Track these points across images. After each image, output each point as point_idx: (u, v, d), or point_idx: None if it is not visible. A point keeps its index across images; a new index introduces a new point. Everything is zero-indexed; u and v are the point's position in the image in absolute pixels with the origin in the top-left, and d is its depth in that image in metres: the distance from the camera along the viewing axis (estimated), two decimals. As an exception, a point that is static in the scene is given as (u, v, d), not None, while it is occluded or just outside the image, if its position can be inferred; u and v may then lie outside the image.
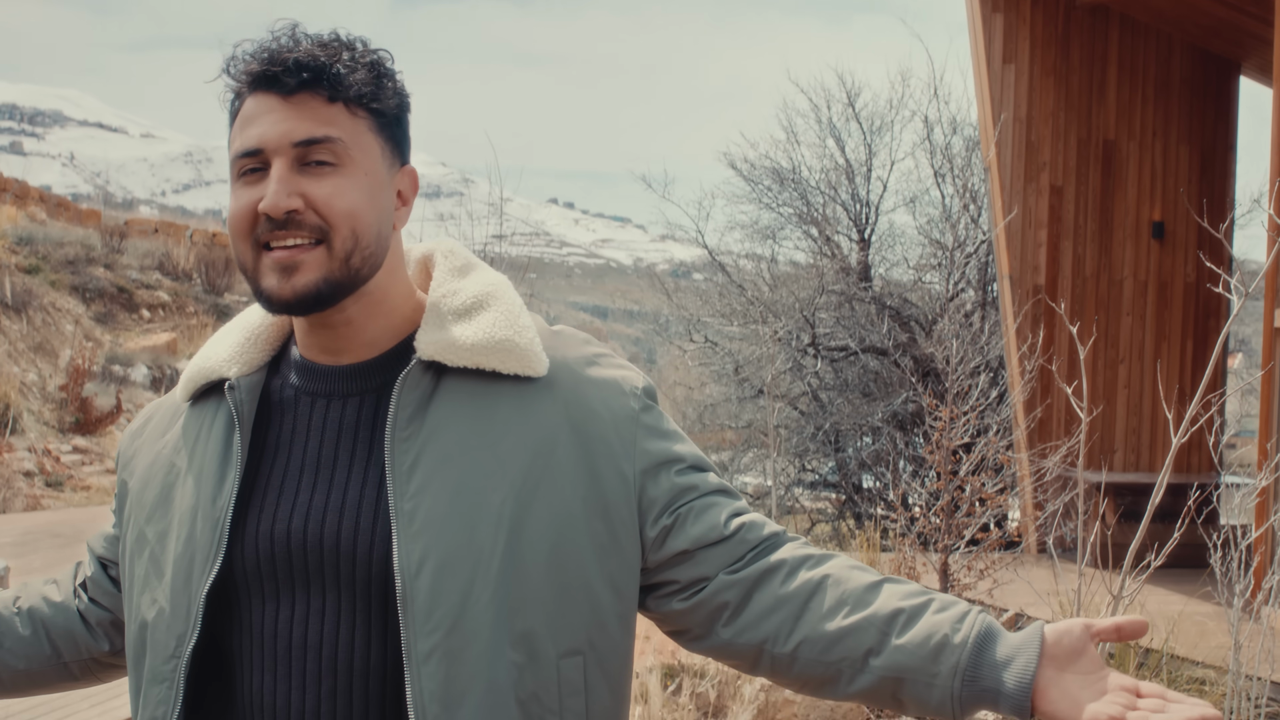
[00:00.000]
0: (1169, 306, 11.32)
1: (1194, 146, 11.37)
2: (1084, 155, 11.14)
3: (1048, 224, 11.04)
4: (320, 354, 1.74)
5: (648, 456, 1.72)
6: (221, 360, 1.77)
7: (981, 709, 1.58)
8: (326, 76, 1.64)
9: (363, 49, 1.69)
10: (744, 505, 1.78)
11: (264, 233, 1.63)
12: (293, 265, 1.62)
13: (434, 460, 1.64)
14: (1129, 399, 11.12)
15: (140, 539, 1.77)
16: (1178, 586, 8.05)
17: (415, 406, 1.66)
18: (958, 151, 14.59)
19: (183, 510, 1.72)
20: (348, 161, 1.65)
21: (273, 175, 1.62)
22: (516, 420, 1.67)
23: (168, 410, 1.85)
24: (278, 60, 1.64)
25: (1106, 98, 11.17)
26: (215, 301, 23.61)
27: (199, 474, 1.72)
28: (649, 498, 1.72)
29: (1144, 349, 11.25)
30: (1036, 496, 9.51)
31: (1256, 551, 7.00)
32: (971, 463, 6.75)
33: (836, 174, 15.06)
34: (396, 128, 1.73)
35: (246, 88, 1.67)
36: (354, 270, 1.66)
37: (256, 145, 1.63)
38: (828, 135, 15.13)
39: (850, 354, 14.03)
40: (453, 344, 1.67)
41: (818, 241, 15.19)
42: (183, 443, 1.78)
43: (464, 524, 1.62)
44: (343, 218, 1.64)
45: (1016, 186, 10.93)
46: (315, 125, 1.63)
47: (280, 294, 1.63)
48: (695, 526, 1.72)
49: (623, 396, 1.73)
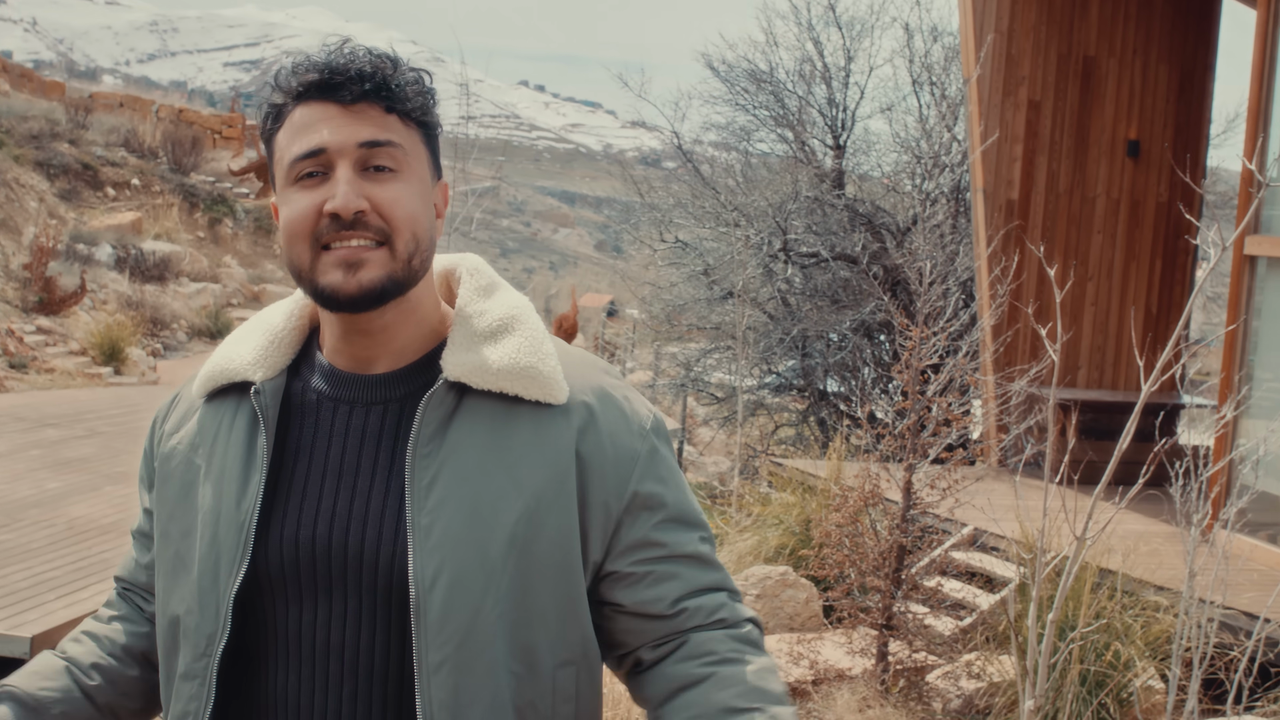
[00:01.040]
0: (1140, 225, 11.34)
1: (1174, 66, 11.32)
2: (1063, 71, 11.08)
3: (1024, 139, 11.00)
4: (349, 361, 1.78)
5: (636, 499, 1.77)
6: (246, 363, 1.79)
7: None
8: (386, 88, 1.68)
9: (410, 67, 1.73)
10: (709, 580, 1.81)
11: (326, 232, 1.67)
12: (358, 262, 1.66)
13: (452, 478, 1.69)
14: (1095, 316, 11.18)
15: (165, 534, 1.81)
16: (1137, 506, 8.16)
17: (437, 424, 1.71)
18: (937, 60, 14.49)
19: (205, 510, 1.76)
20: (406, 168, 1.70)
21: (339, 176, 1.66)
22: (533, 445, 1.72)
23: (185, 402, 1.88)
24: (339, 71, 1.68)
25: (1089, 13, 11.09)
26: (181, 181, 23.36)
27: (220, 475, 1.75)
28: (620, 538, 1.77)
29: (1113, 267, 11.29)
30: (1001, 417, 9.59)
31: (1215, 482, 7.09)
32: (939, 383, 6.80)
33: (814, 78, 14.94)
34: (436, 143, 1.78)
35: (296, 99, 1.70)
36: (414, 272, 1.71)
37: (319, 146, 1.66)
38: (807, 38, 14.99)
39: (821, 261, 14.02)
40: (479, 367, 1.72)
41: (792, 146, 15.10)
42: (200, 440, 1.81)
43: (478, 542, 1.68)
44: (405, 221, 1.69)
45: (994, 100, 10.87)
46: (378, 130, 1.68)
47: (345, 288, 1.66)
48: (644, 592, 1.78)
49: (630, 436, 1.78)
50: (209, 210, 23.01)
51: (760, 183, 15.29)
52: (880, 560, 6.79)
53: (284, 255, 1.72)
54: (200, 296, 20.18)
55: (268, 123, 1.73)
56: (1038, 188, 11.03)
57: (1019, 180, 10.99)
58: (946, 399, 6.78)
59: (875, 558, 6.79)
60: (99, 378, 15.34)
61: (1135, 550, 7.05)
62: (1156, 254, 11.39)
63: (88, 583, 7.24)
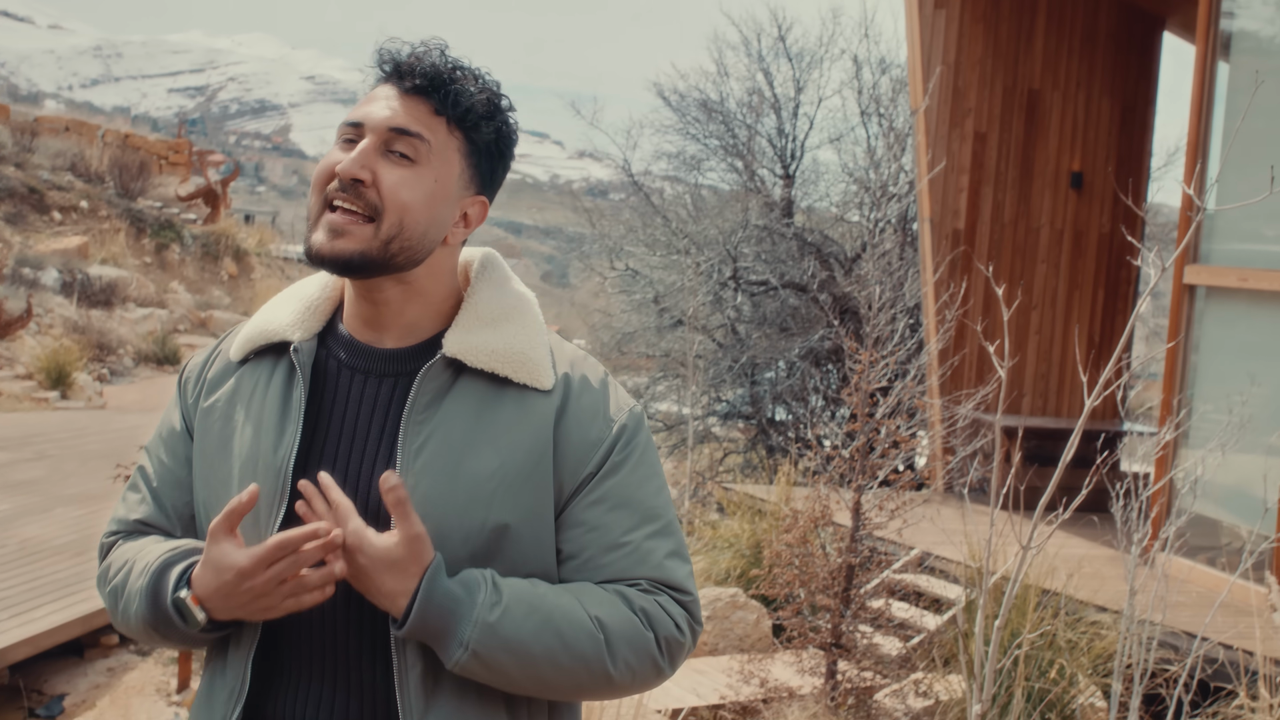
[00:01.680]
0: (1083, 256, 11.56)
1: (1116, 99, 11.57)
2: (1009, 103, 11.29)
3: (970, 170, 11.20)
4: (364, 330, 1.96)
5: (588, 483, 1.94)
6: (284, 325, 1.98)
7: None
8: (440, 91, 1.87)
9: (487, 86, 1.91)
10: (640, 572, 1.95)
11: (332, 191, 1.86)
12: (340, 231, 1.85)
13: (440, 446, 1.88)
14: (1039, 344, 11.38)
15: (207, 483, 1.98)
16: (1080, 531, 8.32)
17: (432, 395, 1.89)
18: (885, 92, 14.70)
19: (243, 458, 1.93)
20: (423, 163, 1.87)
21: (359, 145, 1.85)
22: (518, 423, 1.90)
23: (222, 364, 2.04)
24: (410, 63, 1.90)
25: (1033, 47, 11.32)
26: (128, 206, 23.23)
27: (257, 425, 1.93)
28: (564, 517, 1.94)
29: (1056, 296, 11.50)
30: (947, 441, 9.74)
31: (1155, 502, 7.25)
32: (888, 405, 6.92)
33: (764, 108, 15.12)
34: (485, 159, 1.94)
35: (380, 71, 1.92)
36: (390, 254, 1.87)
37: (360, 119, 1.89)
38: (757, 69, 15.17)
39: (770, 289, 14.16)
40: (475, 348, 1.89)
41: (742, 175, 15.26)
42: (238, 397, 1.98)
43: (458, 504, 1.86)
44: (396, 206, 1.85)
45: (941, 131, 11.07)
46: (411, 121, 1.86)
47: (320, 250, 1.86)
48: (576, 570, 1.95)
49: (599, 424, 1.95)
50: (156, 235, 22.90)
51: (710, 211, 15.43)
52: (830, 580, 6.89)
53: (308, 198, 1.93)
54: (147, 322, 20.08)
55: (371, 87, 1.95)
56: (983, 218, 11.22)
57: (965, 210, 11.18)
58: (895, 421, 6.90)
59: (825, 577, 6.90)
60: (46, 402, 15.25)
61: (1079, 571, 7.19)
62: (1099, 284, 11.61)
63: (41, 602, 7.24)
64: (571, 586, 1.90)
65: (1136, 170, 11.64)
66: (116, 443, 12.07)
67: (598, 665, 1.86)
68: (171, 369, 18.95)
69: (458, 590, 1.82)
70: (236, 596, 1.80)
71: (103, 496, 9.78)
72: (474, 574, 1.85)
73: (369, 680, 1.89)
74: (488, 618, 1.81)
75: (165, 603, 1.87)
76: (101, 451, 11.64)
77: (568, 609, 1.86)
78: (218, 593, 1.81)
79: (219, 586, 1.80)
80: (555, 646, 1.83)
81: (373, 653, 1.89)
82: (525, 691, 1.89)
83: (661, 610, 1.92)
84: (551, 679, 1.86)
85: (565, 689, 1.89)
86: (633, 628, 1.89)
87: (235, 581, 1.79)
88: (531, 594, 1.85)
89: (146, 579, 1.90)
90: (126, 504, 2.08)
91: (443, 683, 1.87)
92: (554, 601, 1.86)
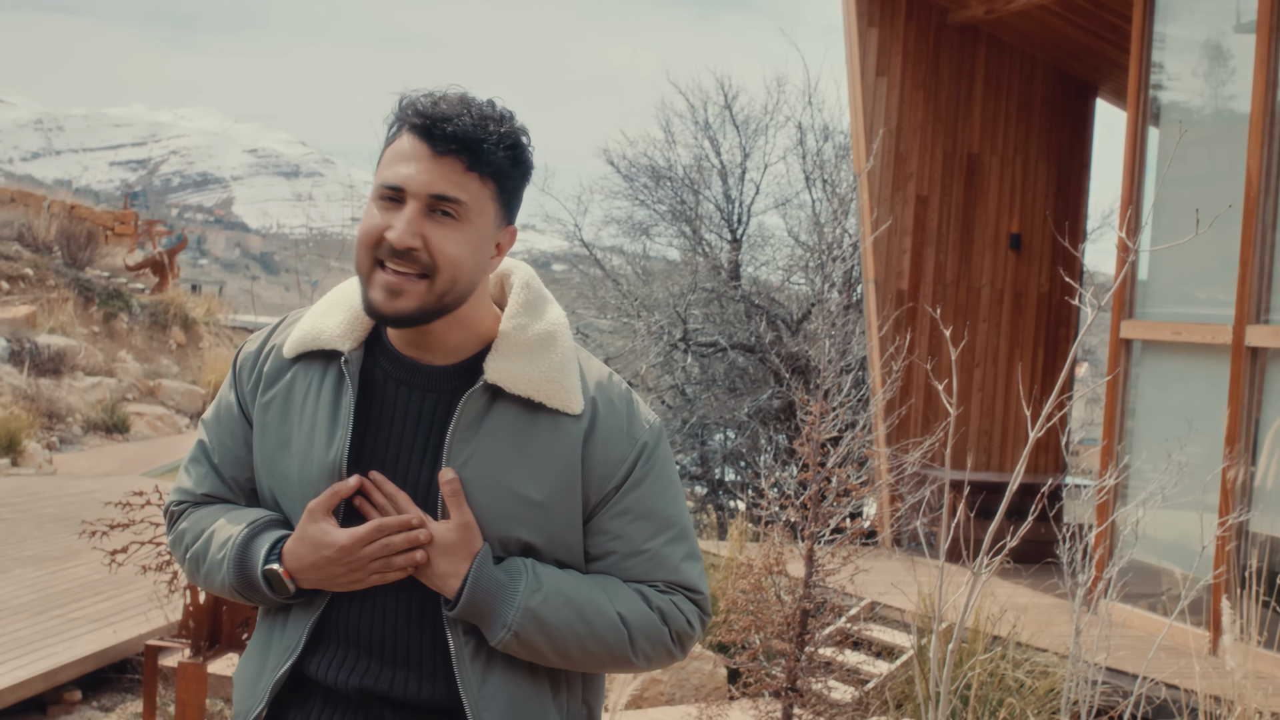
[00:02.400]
0: (1023, 315, 11.88)
1: (1052, 163, 11.95)
2: (949, 167, 11.64)
3: (913, 231, 11.51)
4: (410, 349, 2.15)
5: (613, 495, 2.16)
6: (336, 334, 2.15)
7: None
8: (471, 151, 2.02)
9: (508, 128, 2.06)
10: (659, 575, 2.21)
11: (384, 254, 2.04)
12: (398, 291, 2.03)
13: (481, 462, 2.09)
14: (982, 401, 11.66)
15: (269, 473, 2.19)
16: (1026, 581, 8.55)
17: (474, 417, 2.10)
18: (829, 158, 15.07)
19: (300, 457, 2.13)
20: (466, 220, 2.05)
21: (405, 214, 2.03)
22: (551, 448, 2.11)
23: (277, 359, 2.21)
24: (442, 122, 2.01)
25: (972, 113, 11.69)
26: (76, 276, 23.23)
27: (311, 426, 2.13)
28: (591, 525, 2.18)
29: (998, 355, 11.80)
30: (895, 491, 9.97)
31: (1098, 545, 7.50)
32: (839, 455, 7.13)
33: (711, 174, 15.45)
34: (512, 196, 2.12)
35: (406, 126, 2.05)
36: (445, 305, 2.07)
37: (401, 185, 2.04)
38: (704, 137, 15.51)
39: (719, 350, 14.41)
40: (514, 376, 2.10)
41: (691, 240, 15.56)
42: (293, 396, 2.17)
43: (495, 513, 2.09)
44: (448, 264, 2.04)
45: (884, 195, 11.39)
46: (450, 186, 2.02)
47: (382, 309, 2.05)
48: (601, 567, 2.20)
49: (623, 442, 2.17)
50: (104, 305, 22.91)
51: (660, 274, 15.70)
52: (785, 625, 7.07)
53: (355, 252, 2.09)
54: (96, 390, 20.05)
55: (389, 131, 2.09)
56: (926, 278, 11.53)
57: (909, 271, 11.48)
58: (845, 470, 7.11)
59: (780, 623, 7.07)
60: (-5, 469, 15.20)
61: (1025, 614, 7.41)
62: (1039, 342, 11.93)
63: (3, 658, 7.29)
64: (600, 580, 2.16)
65: (1073, 232, 12.00)
66: (70, 507, 12.08)
67: (620, 652, 2.13)
68: (121, 437, 18.93)
69: (503, 576, 2.07)
70: (329, 569, 2.06)
71: (62, 558, 9.82)
72: (516, 562, 2.10)
73: (417, 654, 2.12)
74: (529, 603, 2.06)
75: (255, 574, 2.10)
76: (56, 515, 11.66)
77: (598, 603, 2.11)
78: (312, 566, 2.07)
79: (315, 561, 2.06)
80: (584, 633, 2.10)
81: (420, 628, 2.12)
82: (554, 665, 2.14)
83: (675, 608, 2.18)
84: (578, 658, 2.13)
85: (590, 666, 2.16)
86: (651, 623, 2.15)
87: (335, 557, 2.05)
88: (567, 584, 2.11)
89: (232, 551, 2.13)
90: (192, 477, 2.29)
91: (495, 657, 2.11)
92: (586, 594, 2.11)
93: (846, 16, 11.40)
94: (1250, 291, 7.65)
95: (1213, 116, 8.69)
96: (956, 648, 4.90)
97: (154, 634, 7.67)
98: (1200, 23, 8.82)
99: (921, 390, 11.21)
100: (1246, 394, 7.62)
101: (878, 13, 11.34)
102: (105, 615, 8.24)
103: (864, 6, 11.29)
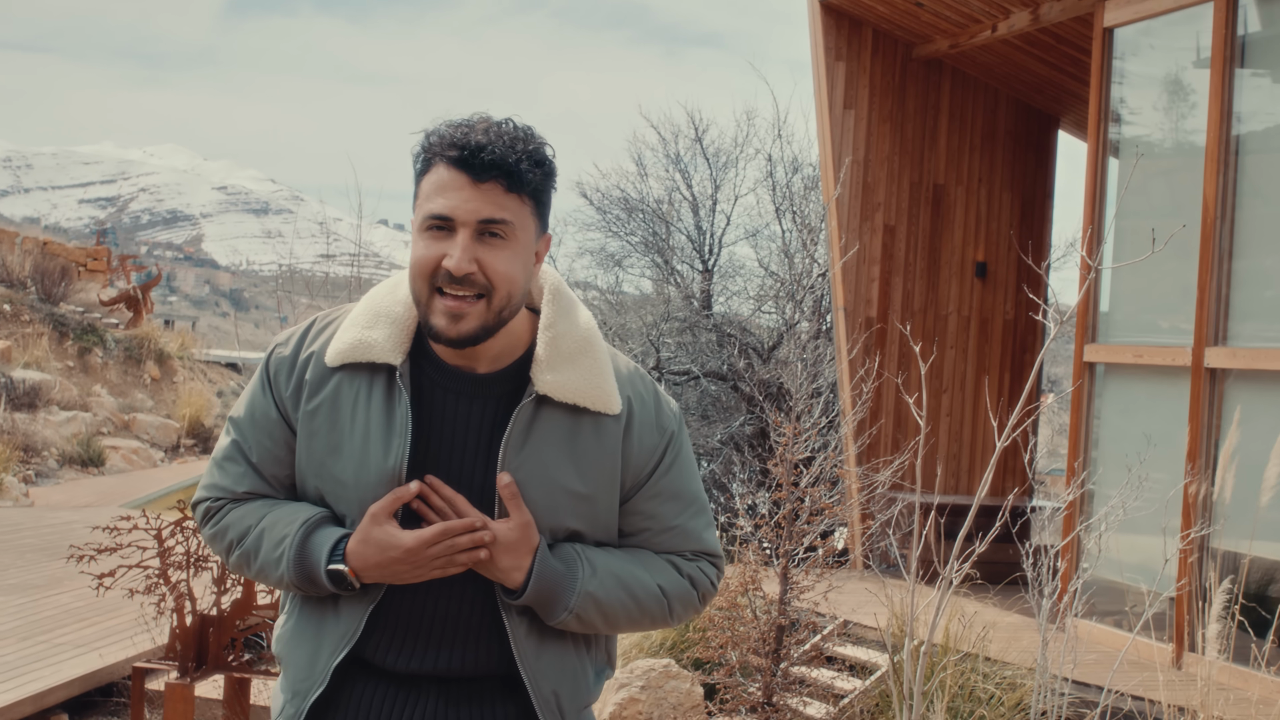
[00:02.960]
0: (989, 341, 12.13)
1: (1015, 193, 12.22)
2: (915, 197, 11.89)
3: (880, 260, 11.75)
4: (456, 358, 2.34)
5: (648, 480, 2.43)
6: (385, 348, 2.32)
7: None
8: (509, 175, 2.21)
9: (534, 145, 2.25)
10: (688, 546, 2.51)
11: (442, 281, 2.23)
12: (460, 315, 2.23)
13: (533, 464, 2.31)
14: (950, 426, 11.89)
15: (319, 476, 2.36)
16: (994, 601, 8.74)
17: (524, 425, 2.31)
18: (798, 190, 15.33)
19: (356, 462, 2.30)
20: (512, 237, 2.24)
21: (459, 242, 2.21)
22: (594, 442, 2.35)
23: (318, 367, 2.36)
24: (478, 152, 2.20)
25: (938, 145, 11.96)
26: (51, 310, 23.31)
27: (365, 434, 2.30)
28: (628, 506, 2.44)
29: (965, 380, 12.03)
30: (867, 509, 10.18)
31: (1064, 558, 7.71)
32: (812, 475, 7.34)
33: (683, 206, 15.69)
34: (546, 206, 2.32)
35: (441, 158, 2.23)
36: (502, 320, 2.27)
37: (448, 214, 2.22)
38: (675, 170, 15.77)
39: (692, 378, 14.62)
40: (560, 386, 2.31)
41: (663, 270, 15.78)
42: (341, 404, 2.33)
43: (547, 507, 2.32)
44: (503, 281, 2.24)
45: (853, 224, 11.62)
46: (496, 209, 2.21)
47: (447, 334, 2.24)
48: (638, 536, 2.47)
49: (654, 434, 2.42)
50: (79, 339, 22.98)
51: (633, 304, 15.91)
52: (761, 641, 7.25)
53: (409, 282, 2.28)
54: (71, 424, 20.11)
55: (418, 164, 2.28)
56: (894, 306, 11.76)
57: (877, 299, 11.71)
58: (818, 489, 7.32)
59: (756, 639, 7.25)
60: (-28, 503, 15.26)
61: (995, 628, 7.60)
62: (1005, 367, 12.17)
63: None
64: (638, 555, 2.43)
65: (1037, 260, 12.26)
66: (51, 537, 12.20)
67: (660, 617, 2.44)
68: (96, 470, 18.98)
69: (561, 566, 2.31)
70: (394, 567, 2.25)
71: (45, 585, 9.94)
72: (569, 550, 2.35)
73: (474, 637, 2.35)
74: (588, 587, 2.32)
75: (316, 571, 2.29)
76: (37, 545, 11.77)
77: (641, 579, 2.40)
78: (377, 566, 2.26)
79: (381, 561, 2.25)
80: (632, 607, 2.39)
81: (471, 614, 2.34)
82: (602, 633, 2.46)
83: (701, 573, 2.50)
84: (624, 625, 2.43)
85: (631, 630, 2.47)
86: (684, 589, 2.46)
87: (401, 558, 2.24)
88: (615, 565, 2.38)
89: (290, 550, 2.31)
90: (229, 475, 2.43)
91: (546, 632, 2.36)
92: (631, 572, 2.39)
93: (814, 51, 11.66)
94: (1208, 315, 7.89)
95: (1173, 150, 8.94)
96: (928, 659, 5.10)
97: (140, 657, 7.78)
98: (1160, 59, 9.09)
99: (891, 413, 11.43)
100: (1206, 414, 7.85)
101: (845, 47, 11.61)
102: (90, 640, 8.36)
103: (831, 41, 11.56)
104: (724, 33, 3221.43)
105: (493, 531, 2.26)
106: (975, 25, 10.91)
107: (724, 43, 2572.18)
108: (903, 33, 11.62)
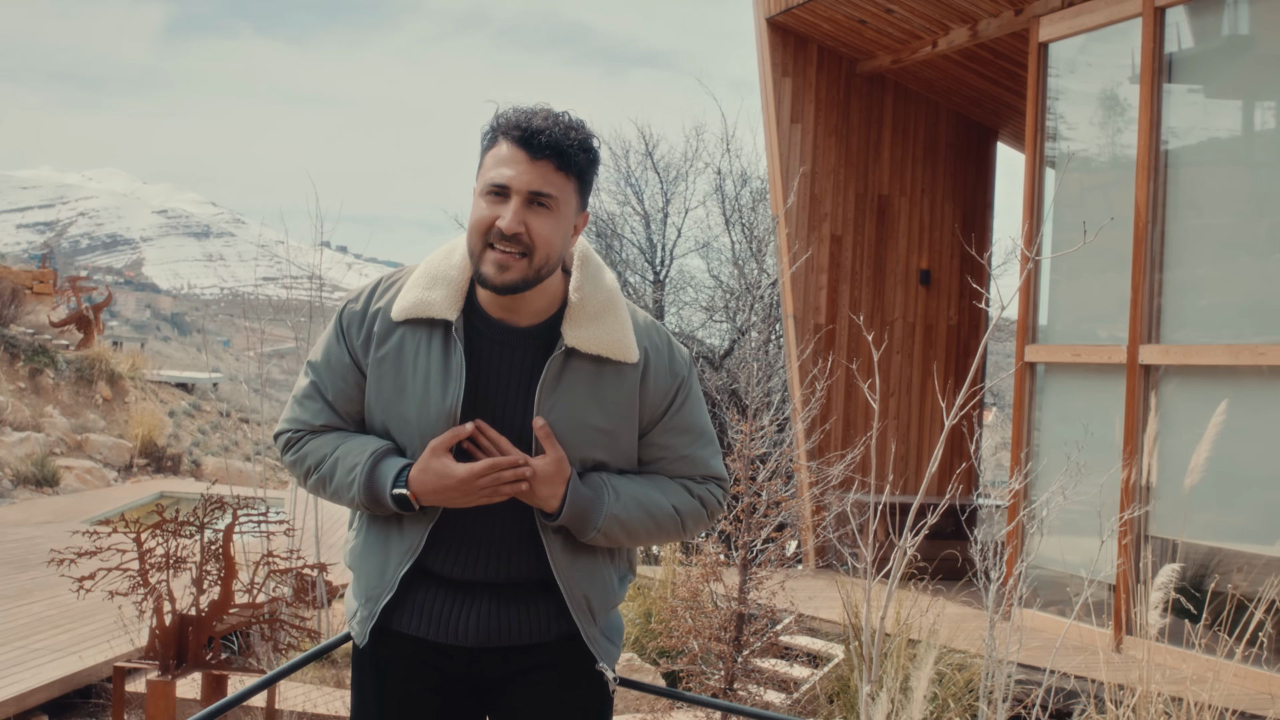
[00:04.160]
0: (934, 345, 12.52)
1: (957, 203, 12.64)
2: (861, 208, 12.27)
3: (828, 269, 12.11)
4: (502, 312, 2.76)
5: (663, 417, 2.86)
6: (443, 306, 2.75)
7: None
8: (561, 156, 2.63)
9: (584, 135, 2.68)
10: (697, 471, 2.93)
11: (494, 238, 2.65)
12: (506, 266, 2.65)
13: (564, 409, 2.74)
14: (898, 429, 12.26)
15: (386, 415, 2.79)
16: (948, 595, 9.09)
17: (555, 373, 2.74)
18: (746, 202, 15.69)
19: (418, 403, 2.74)
20: (556, 209, 2.66)
21: (511, 206, 2.63)
22: (615, 387, 2.78)
23: (385, 321, 2.80)
24: (537, 134, 2.62)
25: (881, 157, 12.35)
26: (1, 333, 23.33)
27: (425, 379, 2.74)
28: (646, 439, 2.87)
29: (911, 383, 12.41)
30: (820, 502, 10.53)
31: (1009, 544, 8.07)
32: (768, 470, 7.66)
33: (634, 219, 16.01)
34: (587, 187, 2.75)
35: (506, 135, 2.65)
36: (540, 277, 2.69)
37: (506, 184, 2.64)
38: (626, 184, 16.09)
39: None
40: (587, 340, 2.74)
41: (616, 282, 16.07)
42: (405, 352, 2.76)
43: (575, 441, 2.76)
44: (544, 244, 2.65)
45: (801, 234, 11.98)
46: (545, 184, 2.64)
47: (494, 280, 2.66)
48: (655, 465, 2.91)
49: (668, 378, 2.86)
50: (30, 361, 23.00)
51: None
52: (722, 628, 7.56)
53: (467, 237, 2.70)
54: (24, 445, 20.16)
55: (485, 139, 2.70)
56: (842, 313, 12.12)
57: (825, 306, 12.07)
58: (775, 483, 7.64)
59: (717, 626, 7.56)
60: (-70, 522, 15.32)
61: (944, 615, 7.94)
62: (949, 371, 12.56)
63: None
64: (655, 481, 2.86)
65: (978, 267, 12.67)
66: (15, 551, 12.33)
67: (675, 533, 2.88)
68: (51, 490, 19.04)
69: (589, 493, 2.74)
70: (448, 494, 2.68)
71: (16, 596, 10.09)
72: (596, 478, 2.78)
73: (517, 551, 2.79)
74: (613, 510, 2.75)
75: (383, 493, 2.72)
76: (3, 559, 11.90)
77: (658, 501, 2.82)
78: (435, 491, 2.69)
79: (438, 488, 2.68)
80: (651, 525, 2.82)
81: (515, 532, 2.78)
82: (625, 546, 2.89)
83: (710, 494, 2.92)
84: (644, 540, 2.86)
85: (650, 544, 2.96)
86: (695, 509, 2.90)
87: (455, 486, 2.67)
88: (636, 490, 2.80)
89: (361, 476, 2.74)
90: (307, 411, 2.88)
91: (578, 547, 2.80)
92: (649, 495, 2.81)
93: (761, 68, 12.02)
94: (1141, 314, 8.29)
95: (1109, 163, 9.30)
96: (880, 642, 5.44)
97: (120, 658, 7.95)
98: (1096, 75, 9.46)
99: (840, 412, 11.80)
100: (1141, 408, 8.25)
101: (791, 63, 11.98)
102: (67, 645, 8.52)
103: (778, 58, 11.93)
104: (666, 52, 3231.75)
105: (533, 468, 2.67)
106: (916, 41, 11.31)
107: (667, 62, 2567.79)
108: (847, 49, 12.01)
